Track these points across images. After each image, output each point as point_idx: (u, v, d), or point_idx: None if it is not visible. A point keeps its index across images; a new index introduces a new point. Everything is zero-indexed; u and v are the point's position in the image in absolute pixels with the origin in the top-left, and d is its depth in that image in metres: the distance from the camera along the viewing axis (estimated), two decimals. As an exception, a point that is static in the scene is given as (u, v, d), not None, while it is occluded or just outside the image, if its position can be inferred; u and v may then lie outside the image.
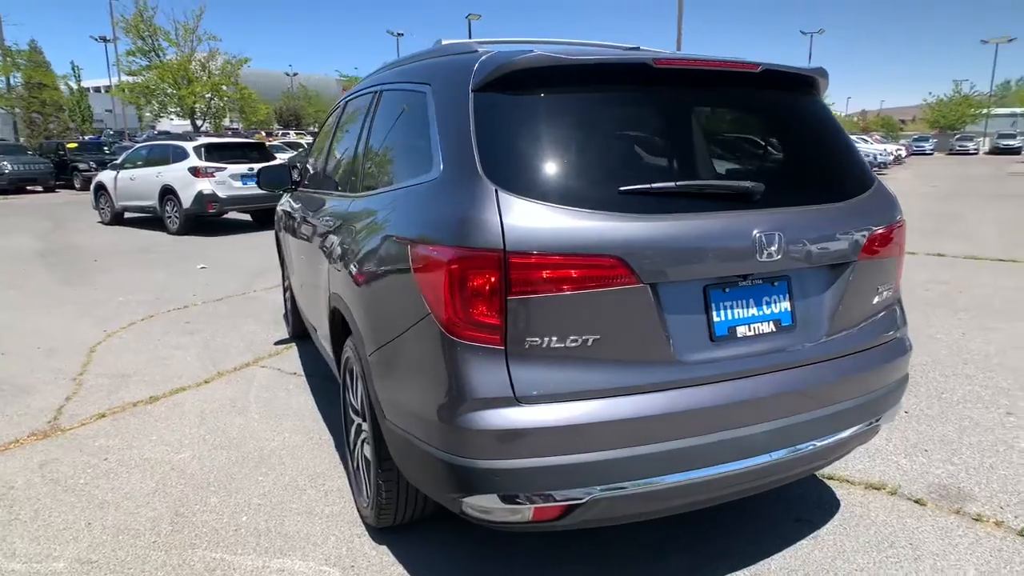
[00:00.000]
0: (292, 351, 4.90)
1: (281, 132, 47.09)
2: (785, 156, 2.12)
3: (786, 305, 2.02)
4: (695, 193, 1.90)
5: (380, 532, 2.58)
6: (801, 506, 2.73)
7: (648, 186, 1.85)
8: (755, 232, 1.89)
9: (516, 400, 1.76)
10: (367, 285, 2.23)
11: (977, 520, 2.61)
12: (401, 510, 2.42)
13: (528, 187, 1.78)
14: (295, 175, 4.37)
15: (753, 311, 1.97)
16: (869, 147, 31.00)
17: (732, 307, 1.93)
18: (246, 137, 22.47)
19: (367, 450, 2.51)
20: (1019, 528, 2.55)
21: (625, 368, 1.82)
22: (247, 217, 13.16)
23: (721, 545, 2.47)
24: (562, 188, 1.81)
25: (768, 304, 1.99)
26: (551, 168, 1.84)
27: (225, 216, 12.43)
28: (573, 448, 1.78)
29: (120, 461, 3.21)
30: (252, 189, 11.55)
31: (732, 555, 2.42)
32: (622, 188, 1.82)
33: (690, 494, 1.95)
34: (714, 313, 1.91)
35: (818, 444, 2.08)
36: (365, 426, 2.54)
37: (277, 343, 5.11)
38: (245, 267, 8.35)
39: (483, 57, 1.97)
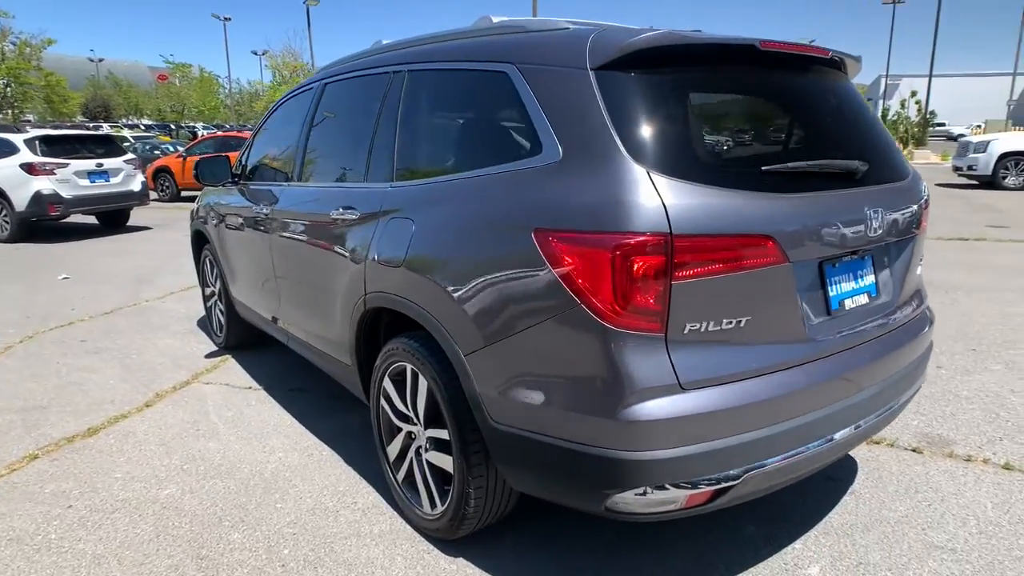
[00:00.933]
0: (231, 364, 4.42)
1: (93, 125, 41.90)
2: (854, 136, 2.25)
3: (872, 278, 2.16)
4: (816, 172, 1.96)
5: (448, 544, 2.41)
6: (825, 468, 2.93)
7: (787, 165, 1.89)
8: (866, 208, 1.99)
9: (680, 387, 1.73)
10: (460, 280, 2.05)
11: (968, 460, 2.97)
12: (485, 517, 2.28)
13: (676, 168, 1.74)
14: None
15: (852, 284, 2.08)
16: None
17: (840, 281, 2.03)
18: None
19: (437, 458, 2.34)
20: (1003, 463, 2.93)
21: (770, 347, 1.85)
22: (91, 220, 11.63)
23: (781, 512, 2.60)
24: (708, 168, 1.79)
25: (861, 277, 2.11)
26: (693, 148, 1.82)
27: (64, 220, 10.89)
28: (730, 430, 1.78)
29: (91, 507, 2.72)
30: (102, 187, 10.26)
31: (795, 519, 2.55)
32: (764, 167, 1.84)
33: (818, 461, 2.02)
34: (829, 288, 1.99)
35: (895, 405, 2.25)
36: (428, 433, 2.36)
37: (209, 356, 4.58)
38: (119, 275, 7.38)
39: (596, 35, 1.89)
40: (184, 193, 16.13)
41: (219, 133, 17.52)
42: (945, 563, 2.28)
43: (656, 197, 1.67)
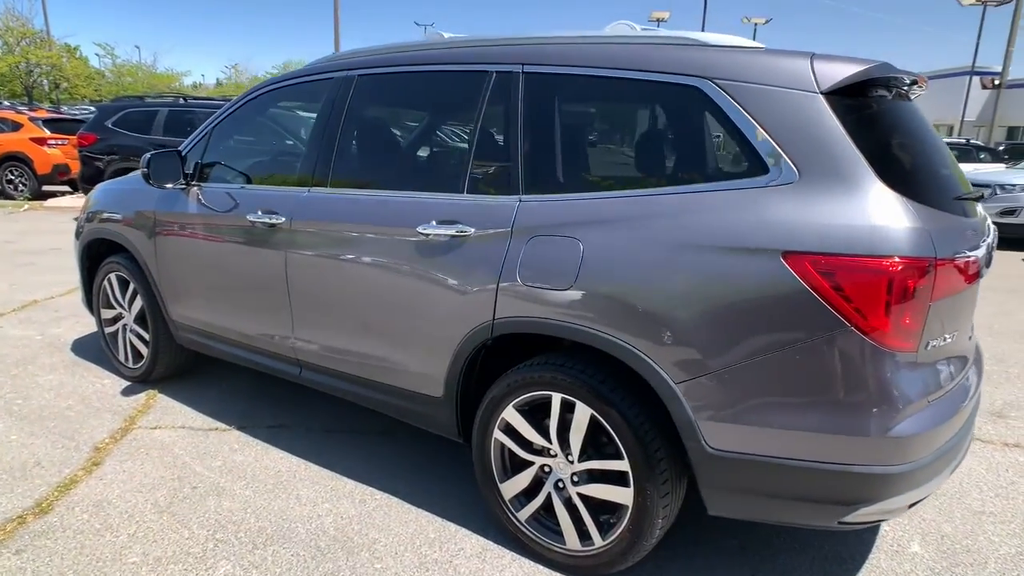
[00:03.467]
0: (167, 402, 3.66)
1: None
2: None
3: None
4: (970, 198, 2.19)
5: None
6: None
7: (968, 192, 2.09)
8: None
9: (928, 402, 1.84)
10: (672, 303, 1.94)
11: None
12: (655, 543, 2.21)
13: (915, 192, 1.84)
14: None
15: None
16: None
17: None
18: None
19: (599, 490, 2.20)
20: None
21: (960, 357, 2.05)
22: None
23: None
24: (927, 191, 1.91)
25: None
26: (918, 173, 1.93)
27: None
28: (947, 437, 1.94)
29: (129, 606, 2.11)
30: None
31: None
32: (955, 195, 2.02)
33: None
34: None
35: None
36: (583, 466, 2.22)
37: (127, 393, 3.74)
38: None
39: (818, 59, 1.92)
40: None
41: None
42: (997, 525, 2.70)
43: (919, 222, 1.76)
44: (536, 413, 2.32)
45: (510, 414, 2.35)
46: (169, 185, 3.24)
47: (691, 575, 2.34)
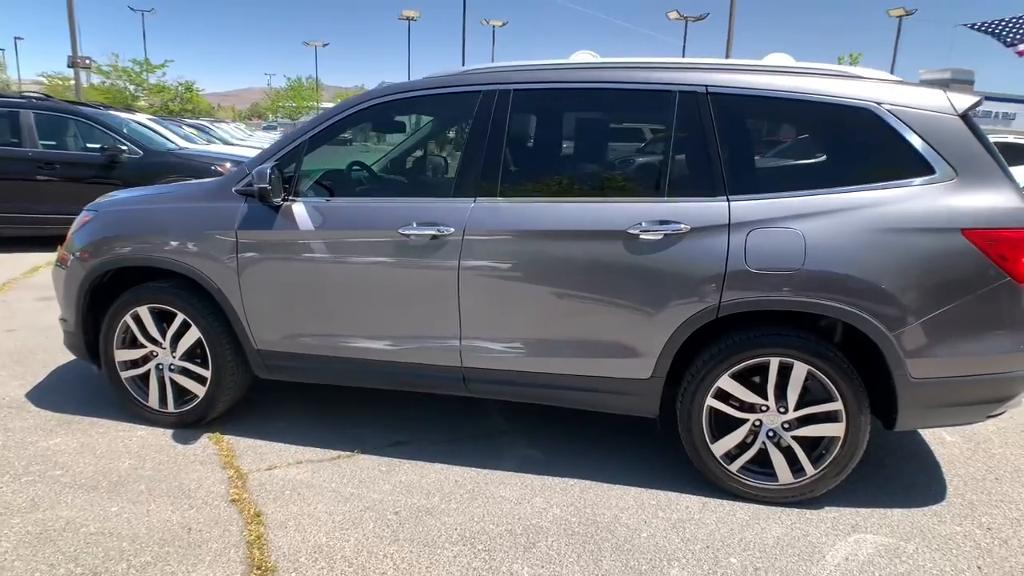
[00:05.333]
0: (240, 441, 3.29)
1: None
2: None
3: None
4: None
5: (810, 503, 2.82)
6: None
7: None
8: None
9: None
10: (883, 271, 2.54)
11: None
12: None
13: (1012, 178, 2.69)
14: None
15: None
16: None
17: None
18: None
19: (813, 430, 2.74)
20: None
21: None
22: None
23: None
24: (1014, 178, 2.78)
25: None
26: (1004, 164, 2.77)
27: None
28: None
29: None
30: None
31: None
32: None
33: None
34: None
35: None
36: (798, 413, 2.74)
37: (181, 440, 3.26)
38: None
39: (953, 91, 2.67)
40: None
41: None
42: None
43: None
44: (755, 377, 2.77)
45: (725, 382, 2.76)
46: (277, 201, 2.97)
47: (842, 486, 2.97)
